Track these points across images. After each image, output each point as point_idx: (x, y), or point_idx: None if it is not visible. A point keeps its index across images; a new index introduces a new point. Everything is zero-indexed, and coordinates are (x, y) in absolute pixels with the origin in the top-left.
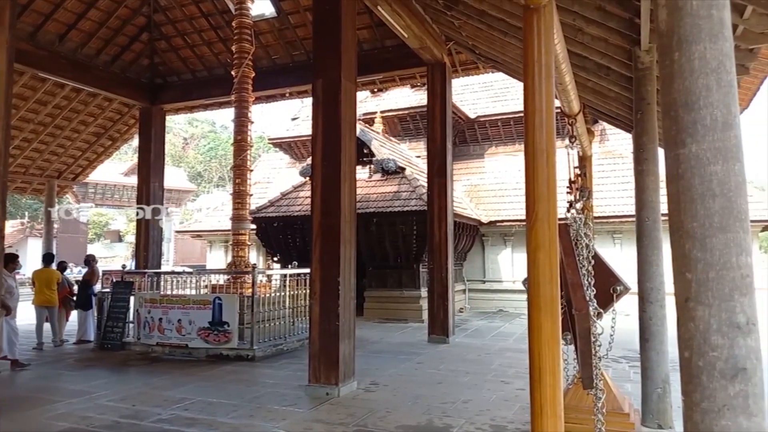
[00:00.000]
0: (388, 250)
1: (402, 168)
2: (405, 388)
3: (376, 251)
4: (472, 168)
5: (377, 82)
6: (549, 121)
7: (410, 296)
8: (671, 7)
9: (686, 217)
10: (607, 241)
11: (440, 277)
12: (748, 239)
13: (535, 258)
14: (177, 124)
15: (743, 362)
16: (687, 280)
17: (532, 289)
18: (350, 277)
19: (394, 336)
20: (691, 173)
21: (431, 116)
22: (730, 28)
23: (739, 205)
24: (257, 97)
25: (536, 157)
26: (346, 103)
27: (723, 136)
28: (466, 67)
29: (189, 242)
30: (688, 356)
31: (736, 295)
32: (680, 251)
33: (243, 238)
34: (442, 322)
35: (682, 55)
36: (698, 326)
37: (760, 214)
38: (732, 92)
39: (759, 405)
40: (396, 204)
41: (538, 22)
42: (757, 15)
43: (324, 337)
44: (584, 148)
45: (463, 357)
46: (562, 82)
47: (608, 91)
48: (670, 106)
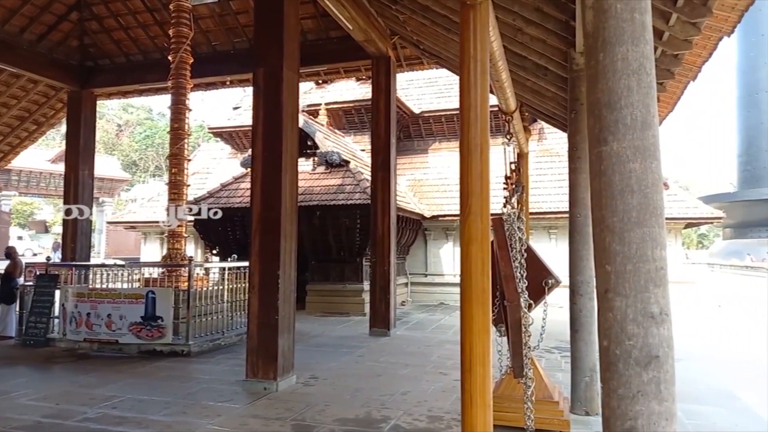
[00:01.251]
0: (331, 243)
1: (346, 161)
2: (345, 382)
3: (319, 245)
4: (416, 163)
5: (321, 73)
6: (483, 116)
7: (353, 290)
8: (597, 9)
9: (607, 212)
10: (543, 237)
11: (383, 270)
12: (663, 234)
13: (467, 251)
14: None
15: (656, 350)
16: (607, 272)
17: (464, 281)
18: (291, 271)
19: (335, 329)
20: (612, 170)
21: (376, 110)
22: (651, 32)
23: (655, 201)
24: (196, 84)
25: (471, 152)
26: (288, 94)
27: (642, 135)
28: (411, 62)
29: (122, 234)
30: (607, 345)
31: (651, 286)
32: (601, 245)
33: (179, 230)
34: (384, 315)
35: (606, 56)
36: (616, 316)
37: (683, 211)
38: (651, 93)
39: (670, 390)
40: (340, 197)
41: (475, 19)
42: (681, 22)
43: (262, 331)
44: (521, 145)
45: (403, 349)
46: (499, 79)
47: (546, 90)
48: (594, 105)
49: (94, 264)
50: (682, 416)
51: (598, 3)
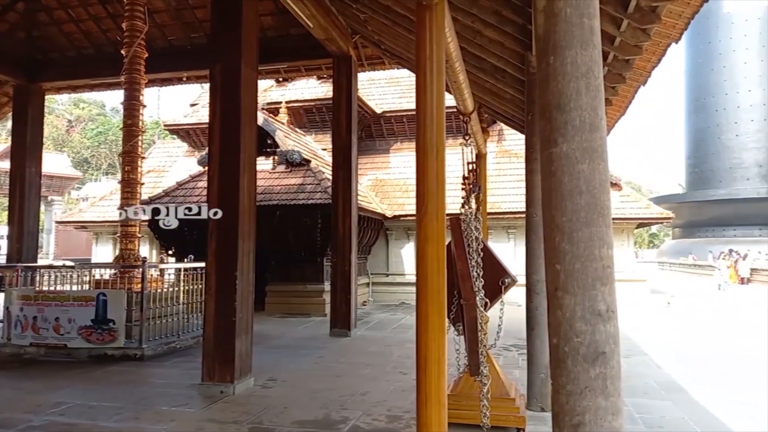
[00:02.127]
0: (291, 243)
1: (307, 160)
2: (304, 383)
3: (280, 245)
4: (378, 163)
5: (282, 71)
6: (439, 117)
7: (314, 290)
8: (548, 13)
9: (557, 212)
10: (502, 236)
11: (343, 270)
12: (609, 233)
13: (423, 251)
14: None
15: (603, 347)
16: (557, 271)
17: (420, 281)
18: (249, 272)
19: (295, 331)
20: (562, 171)
21: (337, 109)
22: (599, 37)
23: (602, 201)
24: (151, 80)
25: (427, 153)
26: (247, 91)
27: (590, 137)
28: (372, 62)
29: (73, 234)
30: (556, 342)
31: (598, 284)
32: (551, 244)
33: (132, 230)
34: (345, 315)
35: (556, 59)
36: (565, 314)
37: (635, 212)
38: (599, 97)
39: (616, 386)
40: (300, 197)
41: (431, 20)
42: (631, 28)
43: (219, 333)
44: (479, 146)
45: (364, 350)
46: (456, 80)
47: (504, 92)
48: (545, 108)
49: (42, 265)
50: (633, 410)
51: (548, 7)
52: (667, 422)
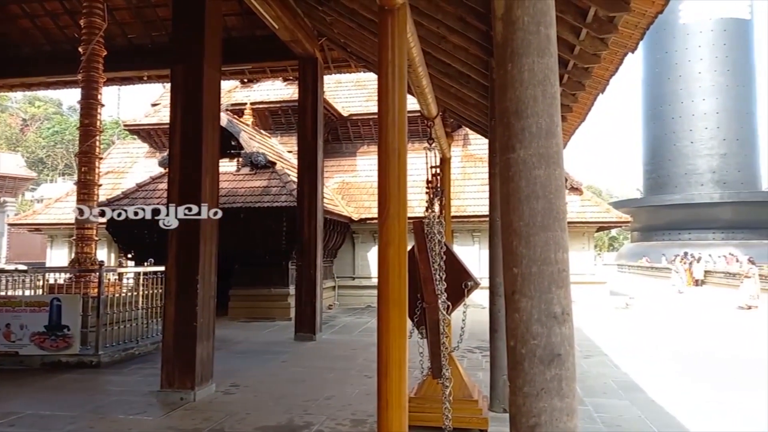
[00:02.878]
0: (256, 247)
1: (272, 162)
2: (267, 389)
3: (244, 248)
4: (345, 166)
5: (246, 72)
6: (401, 121)
7: (278, 294)
8: (506, 21)
9: (514, 217)
10: (467, 239)
11: (309, 274)
12: (565, 237)
13: (385, 254)
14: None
15: (558, 349)
16: (514, 274)
17: (381, 284)
18: (211, 275)
19: (259, 335)
20: (519, 176)
21: (303, 111)
22: (556, 45)
23: (558, 206)
24: (110, 79)
25: (388, 156)
26: (209, 92)
27: (547, 144)
28: (339, 65)
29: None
30: (513, 345)
31: (554, 288)
32: (509, 248)
33: (89, 233)
34: (310, 319)
35: (514, 66)
36: (522, 317)
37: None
38: (555, 104)
39: (571, 387)
40: (265, 199)
41: (392, 24)
42: (590, 38)
43: (180, 338)
44: (443, 150)
45: (329, 354)
46: (420, 85)
47: (469, 98)
48: (504, 114)
49: None
50: (592, 410)
51: (507, 15)
52: (624, 421)
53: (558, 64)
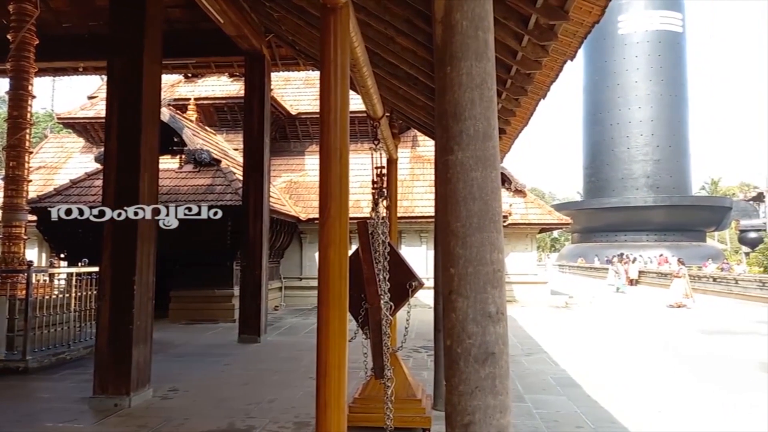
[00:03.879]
0: (199, 246)
1: (217, 160)
2: (208, 392)
3: (186, 248)
4: (293, 165)
5: (190, 66)
6: (343, 120)
7: (222, 295)
8: (445, 24)
9: (452, 218)
10: (415, 240)
11: (254, 274)
12: (500, 238)
13: (326, 255)
14: None
15: (493, 347)
16: (451, 274)
17: (321, 285)
18: (149, 276)
19: (202, 338)
20: (457, 178)
21: (249, 109)
22: (493, 50)
23: (494, 208)
24: (42, 69)
25: (330, 156)
26: (150, 86)
27: (483, 146)
28: (287, 62)
29: None
30: (450, 344)
31: (489, 287)
32: (446, 248)
33: (17, 231)
34: (254, 320)
35: (452, 69)
36: (458, 316)
37: (538, 218)
38: (492, 107)
39: (504, 385)
40: (209, 198)
41: (335, 23)
42: (532, 44)
43: (114, 342)
44: (390, 151)
45: (274, 355)
46: (365, 85)
47: (417, 99)
48: (442, 116)
49: None
50: (531, 406)
51: (446, 18)
52: (561, 416)
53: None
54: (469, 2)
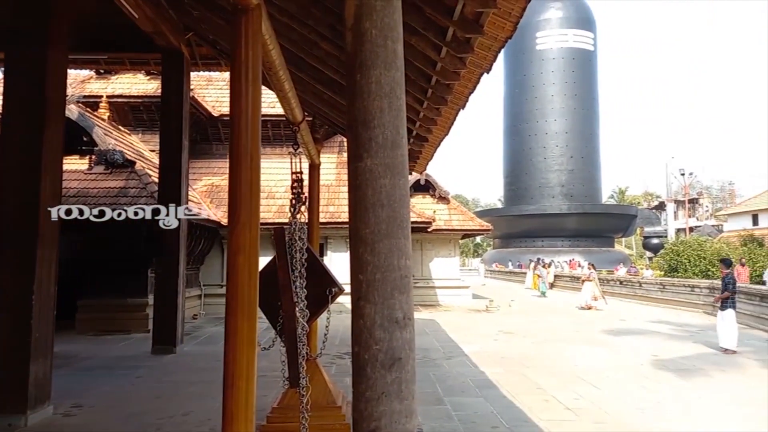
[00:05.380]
0: (110, 253)
1: (131, 161)
2: (117, 408)
3: (96, 254)
4: (215, 168)
5: (102, 62)
6: (254, 124)
7: (135, 304)
8: (355, 32)
9: (361, 224)
10: (341, 246)
11: (170, 282)
12: (408, 245)
13: (234, 262)
14: None
15: (399, 353)
16: (360, 281)
17: (229, 292)
18: (50, 285)
19: (112, 349)
20: (366, 185)
21: (166, 108)
22: (402, 60)
23: (402, 215)
24: None
25: (240, 160)
26: (54, 80)
27: (392, 154)
28: (208, 62)
29: None
30: (357, 351)
31: (396, 293)
32: (355, 255)
33: None
34: (170, 330)
35: (362, 77)
36: (366, 323)
37: (461, 224)
38: (401, 116)
39: (410, 389)
40: (122, 201)
41: (246, 25)
42: (450, 56)
43: (10, 356)
44: (311, 156)
45: (191, 366)
46: (282, 89)
47: (341, 105)
48: (352, 123)
49: None
50: (450, 408)
51: (356, 26)
52: (479, 417)
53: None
54: (379, 12)
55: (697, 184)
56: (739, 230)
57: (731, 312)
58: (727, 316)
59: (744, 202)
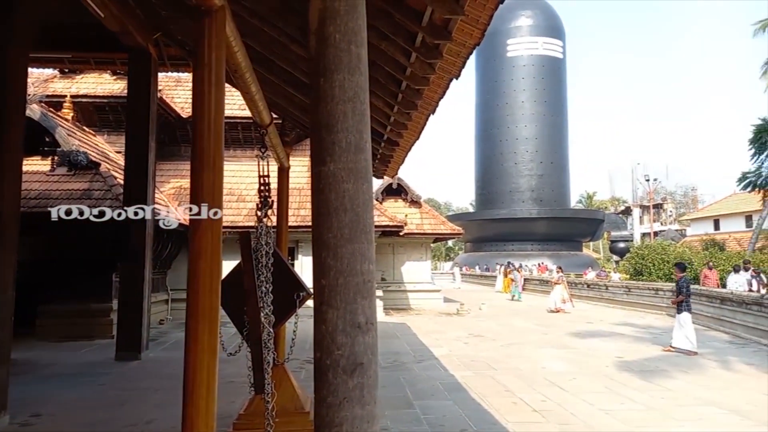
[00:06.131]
0: (74, 257)
1: (96, 163)
2: (78, 416)
3: (59, 258)
4: (183, 170)
5: (66, 61)
6: (218, 126)
7: (99, 309)
8: (318, 36)
9: (323, 229)
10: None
11: (135, 286)
12: (371, 249)
13: (196, 266)
14: None
15: (361, 358)
16: (322, 285)
17: (190, 298)
18: (8, 290)
19: (75, 356)
20: (329, 189)
21: (132, 109)
22: (366, 65)
23: (365, 219)
24: None
25: (203, 164)
26: (14, 78)
27: (355, 158)
28: (176, 62)
29: None
30: (319, 356)
31: (359, 298)
32: (318, 260)
33: None
34: (135, 336)
35: (326, 81)
36: (328, 328)
37: (433, 228)
38: (364, 120)
39: (372, 394)
40: (86, 204)
41: (210, 26)
42: (419, 61)
43: None
44: (280, 159)
45: (155, 373)
46: (248, 91)
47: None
48: (316, 127)
49: None
50: (419, 412)
51: (319, 30)
52: (447, 420)
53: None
54: (343, 16)
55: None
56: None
57: (686, 315)
58: (683, 319)
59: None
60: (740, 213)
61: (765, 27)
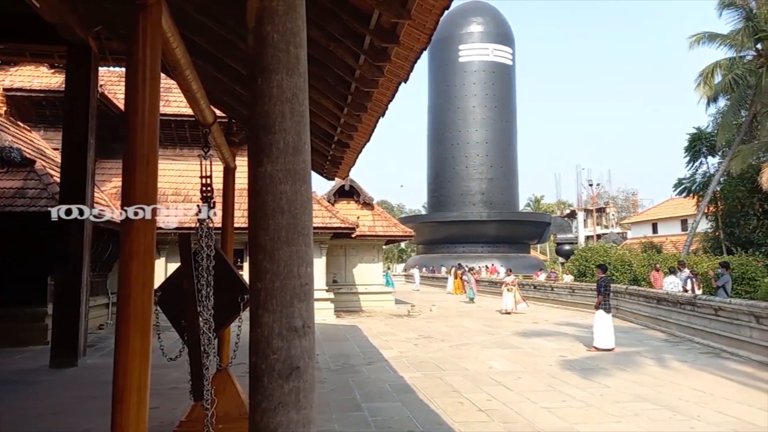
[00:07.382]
0: (5, 259)
1: (31, 160)
2: (10, 426)
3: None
4: None
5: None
6: (152, 123)
7: (33, 314)
8: (257, 35)
9: (260, 231)
10: None
11: (72, 290)
12: (309, 252)
13: (127, 269)
14: None
15: (298, 361)
16: (258, 289)
17: (121, 300)
18: None
19: (6, 363)
20: (266, 191)
21: (71, 104)
22: (306, 66)
23: (303, 221)
24: None
25: (136, 163)
26: None
27: (294, 160)
28: (118, 57)
29: None
30: (255, 361)
31: (296, 301)
32: (254, 263)
33: None
34: (71, 342)
35: (263, 81)
36: (264, 332)
37: (385, 230)
38: (303, 122)
39: (309, 398)
40: (19, 203)
41: (145, 20)
42: (368, 64)
43: None
44: (226, 159)
45: (93, 380)
46: (189, 89)
47: None
48: (254, 128)
49: None
50: (367, 414)
51: (257, 29)
52: (395, 422)
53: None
54: (281, 16)
55: (605, 194)
56: (641, 237)
57: (602, 312)
58: (600, 317)
59: (645, 212)
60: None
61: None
